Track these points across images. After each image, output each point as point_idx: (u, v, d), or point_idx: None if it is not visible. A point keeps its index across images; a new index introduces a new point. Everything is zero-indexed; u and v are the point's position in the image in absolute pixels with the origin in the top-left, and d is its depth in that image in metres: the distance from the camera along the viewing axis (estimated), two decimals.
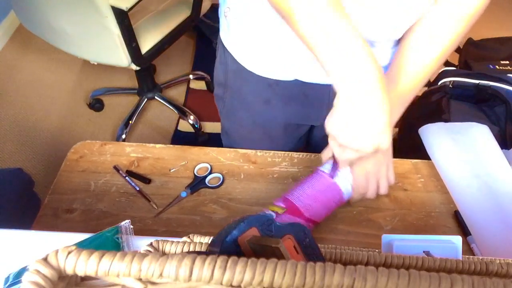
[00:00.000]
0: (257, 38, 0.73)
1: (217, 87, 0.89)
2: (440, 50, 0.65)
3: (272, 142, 0.91)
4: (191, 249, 0.46)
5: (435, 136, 0.86)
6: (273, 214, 0.67)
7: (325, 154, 0.73)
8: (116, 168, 0.82)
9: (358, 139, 0.56)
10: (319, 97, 0.79)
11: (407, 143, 1.47)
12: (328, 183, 0.70)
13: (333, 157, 0.70)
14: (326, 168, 0.72)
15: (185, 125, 1.98)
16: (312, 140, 1.00)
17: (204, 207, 0.77)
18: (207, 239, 0.50)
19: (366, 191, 0.72)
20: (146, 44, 1.56)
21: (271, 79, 0.77)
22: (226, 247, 0.37)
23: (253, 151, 0.86)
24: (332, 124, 0.58)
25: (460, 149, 0.83)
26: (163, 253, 0.34)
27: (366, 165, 0.69)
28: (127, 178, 0.81)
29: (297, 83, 0.77)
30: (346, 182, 0.71)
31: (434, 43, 0.65)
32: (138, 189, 0.79)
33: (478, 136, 0.86)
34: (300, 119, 0.87)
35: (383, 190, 0.72)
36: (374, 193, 0.72)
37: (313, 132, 0.97)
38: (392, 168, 0.73)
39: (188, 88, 2.18)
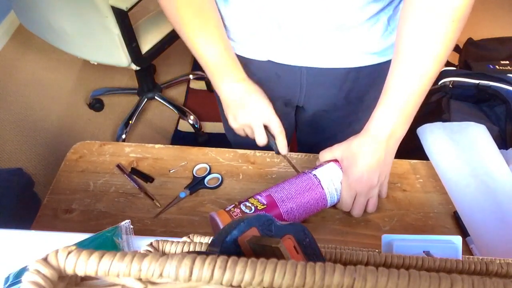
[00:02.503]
0: (231, 19, 0.77)
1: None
2: (436, 55, 0.62)
3: None
4: (191, 249, 0.46)
5: (433, 136, 0.86)
6: (252, 207, 0.66)
7: (323, 156, 0.74)
8: (119, 167, 0.82)
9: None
10: (291, 78, 0.84)
11: (407, 143, 1.47)
12: (317, 190, 0.69)
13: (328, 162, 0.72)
14: (319, 173, 0.71)
15: (185, 125, 1.98)
16: (299, 122, 1.03)
17: (203, 207, 0.77)
18: (207, 239, 0.50)
19: (350, 207, 0.72)
20: (146, 44, 1.56)
21: (246, 58, 0.82)
22: (226, 247, 0.37)
23: (252, 151, 0.86)
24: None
25: (458, 149, 0.83)
26: (163, 253, 0.34)
27: (359, 186, 0.69)
28: (130, 177, 0.81)
29: (269, 63, 0.81)
30: (334, 191, 0.70)
31: (426, 53, 0.63)
32: (141, 187, 0.79)
33: (476, 135, 0.87)
34: (276, 98, 0.89)
35: (371, 209, 0.73)
36: (360, 213, 0.72)
37: (300, 114, 0.99)
38: (386, 184, 0.74)
39: (188, 88, 2.19)
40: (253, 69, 0.83)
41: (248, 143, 1.03)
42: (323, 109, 0.91)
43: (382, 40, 0.76)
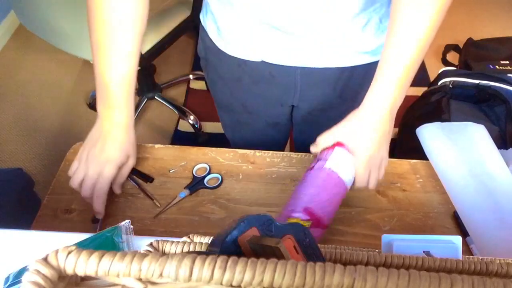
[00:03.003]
0: (225, 20, 0.77)
1: (201, 59, 0.95)
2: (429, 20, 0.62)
3: (251, 115, 0.97)
4: (191, 249, 0.46)
5: (432, 136, 0.86)
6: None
7: (325, 142, 0.70)
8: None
9: None
10: (286, 78, 0.84)
11: (407, 143, 1.47)
12: (339, 184, 0.66)
13: (331, 148, 0.69)
14: (334, 164, 0.67)
15: (185, 125, 1.98)
16: (295, 122, 1.03)
17: (203, 207, 0.77)
18: (207, 239, 0.50)
19: (366, 184, 0.70)
20: (146, 44, 1.56)
21: (240, 58, 0.82)
22: (226, 247, 0.37)
23: (252, 151, 0.86)
24: None
25: (457, 149, 0.83)
26: (163, 253, 0.34)
27: (371, 162, 0.68)
28: (129, 176, 0.81)
29: (264, 64, 0.81)
30: (350, 177, 0.68)
31: (419, 15, 0.62)
32: (140, 187, 0.79)
33: (475, 135, 0.87)
34: (270, 99, 0.91)
35: (381, 177, 0.71)
36: (376, 182, 0.70)
37: (295, 113, 0.99)
38: (386, 164, 0.72)
39: (188, 88, 2.19)
40: (247, 70, 0.84)
41: (248, 143, 1.03)
42: (318, 108, 0.92)
43: (375, 38, 0.77)
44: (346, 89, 0.86)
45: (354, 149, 0.67)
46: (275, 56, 0.79)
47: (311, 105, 0.91)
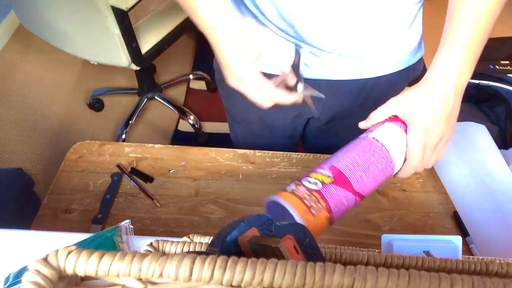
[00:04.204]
0: None
1: (216, 72, 0.91)
2: None
3: (267, 128, 0.93)
4: (191, 249, 0.46)
5: None
6: (319, 183, 0.56)
7: (378, 116, 0.62)
8: (119, 167, 0.82)
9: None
10: None
11: None
12: (382, 154, 0.58)
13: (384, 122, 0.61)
14: (379, 135, 0.60)
15: (185, 125, 1.98)
16: (308, 129, 1.00)
17: (203, 207, 0.77)
18: (207, 239, 0.50)
19: (420, 165, 0.60)
20: (146, 44, 1.56)
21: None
22: (226, 247, 0.37)
23: (252, 151, 0.86)
24: None
25: (458, 149, 0.83)
26: (163, 253, 0.34)
27: (429, 139, 0.59)
28: (129, 176, 0.81)
29: None
30: (399, 155, 0.59)
31: None
32: (140, 187, 0.79)
33: (476, 135, 0.87)
34: (289, 112, 0.88)
35: (432, 164, 0.62)
36: (429, 166, 0.61)
37: (309, 124, 0.97)
38: (447, 145, 0.62)
39: (188, 88, 2.18)
40: None
41: (248, 143, 1.02)
42: (337, 117, 0.89)
43: (404, 47, 0.75)
44: (369, 98, 0.83)
45: (410, 118, 0.58)
46: (301, 69, 0.76)
47: (330, 115, 0.89)
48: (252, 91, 0.64)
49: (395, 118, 0.61)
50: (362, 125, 0.63)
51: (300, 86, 0.66)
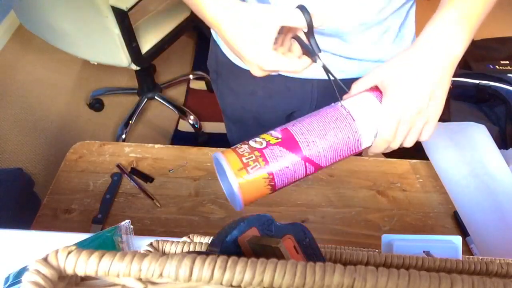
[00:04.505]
0: None
1: (211, 72, 0.92)
2: None
3: (263, 128, 0.93)
4: (191, 249, 0.46)
5: (433, 136, 0.86)
6: (264, 142, 0.52)
7: (359, 86, 0.56)
8: (119, 167, 0.82)
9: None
10: (302, 90, 0.82)
11: None
12: (345, 122, 0.53)
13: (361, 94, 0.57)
14: (348, 103, 0.55)
15: (185, 125, 1.98)
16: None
17: (203, 207, 0.77)
18: (207, 239, 0.50)
19: (392, 140, 0.54)
20: (146, 44, 1.56)
21: None
22: (226, 247, 0.37)
23: None
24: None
25: (458, 149, 0.83)
26: (163, 253, 0.34)
27: (405, 111, 0.52)
28: (129, 176, 0.81)
29: (280, 77, 0.79)
30: (368, 127, 0.53)
31: None
32: (140, 187, 0.79)
33: (476, 135, 0.87)
34: (284, 111, 0.89)
35: (409, 143, 0.55)
36: (398, 145, 0.55)
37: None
38: (433, 126, 0.55)
39: (188, 88, 2.18)
40: (262, 83, 0.82)
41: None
42: None
43: (394, 47, 0.75)
44: None
45: (386, 89, 0.52)
46: None
47: None
48: (279, 67, 0.57)
49: (375, 89, 0.55)
50: (345, 97, 0.58)
51: (319, 55, 0.58)
